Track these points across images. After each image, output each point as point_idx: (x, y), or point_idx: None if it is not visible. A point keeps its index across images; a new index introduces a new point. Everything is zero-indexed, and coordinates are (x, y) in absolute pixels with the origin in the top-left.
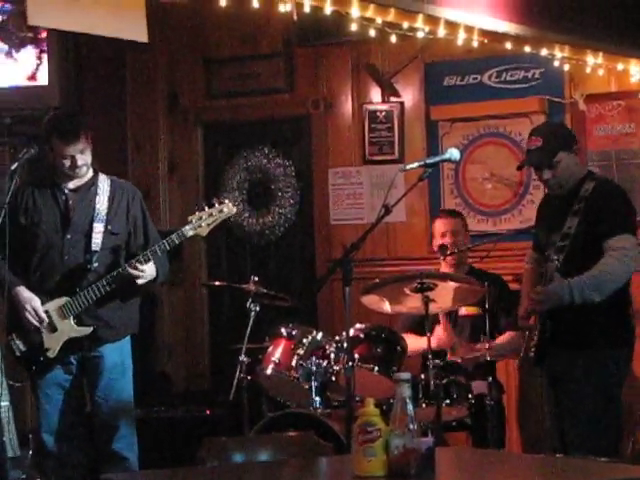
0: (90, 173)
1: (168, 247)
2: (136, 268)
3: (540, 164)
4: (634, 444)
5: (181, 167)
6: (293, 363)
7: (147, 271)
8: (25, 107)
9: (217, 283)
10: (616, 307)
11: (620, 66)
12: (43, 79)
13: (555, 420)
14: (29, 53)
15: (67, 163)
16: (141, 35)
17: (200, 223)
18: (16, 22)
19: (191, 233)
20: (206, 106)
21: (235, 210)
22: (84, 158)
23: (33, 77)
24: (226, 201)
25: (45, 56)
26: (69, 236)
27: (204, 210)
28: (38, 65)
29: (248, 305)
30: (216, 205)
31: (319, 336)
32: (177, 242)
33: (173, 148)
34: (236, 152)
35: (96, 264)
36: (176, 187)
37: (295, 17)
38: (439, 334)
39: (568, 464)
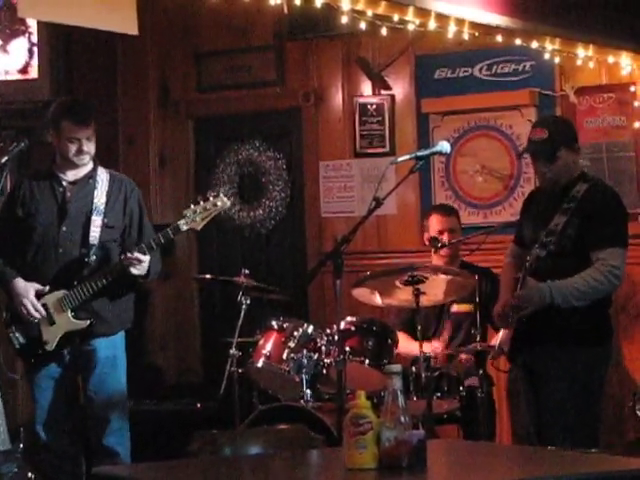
0: (90, 165)
1: (163, 241)
2: (135, 257)
3: (541, 156)
4: (624, 436)
5: (172, 160)
6: (284, 356)
7: (144, 262)
8: (15, 100)
9: (208, 276)
10: (595, 306)
11: (611, 58)
12: (34, 72)
13: (533, 415)
14: (21, 46)
15: (73, 148)
16: (131, 28)
17: (195, 217)
18: (8, 15)
19: (185, 227)
20: (197, 99)
21: (229, 203)
22: (89, 146)
23: (25, 70)
24: (220, 194)
25: (36, 49)
26: (65, 228)
27: (199, 204)
28: (29, 58)
29: (239, 298)
30: (210, 199)
31: (310, 329)
32: (172, 236)
33: (164, 141)
34: (227, 145)
35: (93, 257)
36: (167, 180)
37: (286, 10)
38: (435, 346)
39: (558, 456)
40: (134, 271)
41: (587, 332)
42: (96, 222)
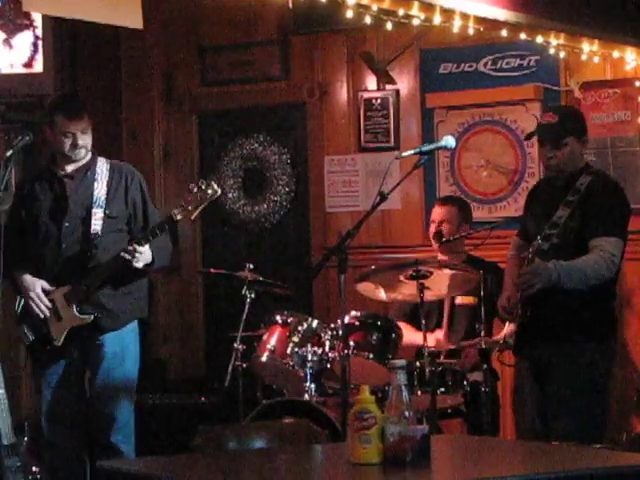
0: (88, 157)
1: (159, 232)
2: (133, 250)
3: (549, 140)
4: (628, 432)
5: (176, 155)
6: (288, 350)
7: (143, 254)
8: (20, 94)
9: (212, 271)
10: (600, 300)
11: (616, 53)
12: (38, 66)
13: (538, 409)
14: (25, 40)
15: (68, 142)
16: (136, 22)
17: (187, 206)
18: (12, 9)
19: (179, 217)
20: (201, 93)
21: (220, 191)
22: (85, 139)
23: (29, 64)
24: (212, 183)
25: (40, 43)
26: (67, 224)
27: (191, 193)
28: (34, 52)
29: (243, 292)
30: (202, 187)
31: (314, 323)
32: (167, 226)
33: (168, 135)
34: (231, 139)
35: (96, 250)
36: (171, 174)
37: (291, 4)
38: (438, 337)
39: (563, 451)
40: (136, 264)
41: (592, 326)
42: (97, 214)
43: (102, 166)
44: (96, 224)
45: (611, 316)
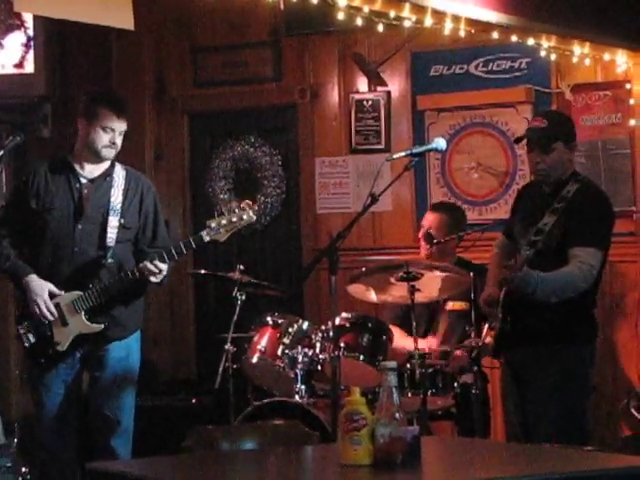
0: (108, 162)
1: (185, 251)
2: (155, 266)
3: (537, 145)
4: (618, 433)
5: (167, 156)
6: (279, 352)
7: (164, 271)
8: (10, 95)
9: (203, 272)
10: (580, 306)
11: (607, 56)
12: (29, 67)
13: (519, 413)
14: (16, 40)
15: (106, 138)
16: (127, 23)
17: (219, 229)
18: (4, 9)
19: (208, 238)
20: (193, 95)
21: (255, 218)
22: (120, 141)
23: (20, 65)
24: (247, 208)
25: (32, 44)
26: (80, 227)
27: (224, 215)
28: (25, 52)
29: (234, 294)
30: (236, 211)
31: (305, 325)
32: (194, 246)
33: (159, 137)
34: (222, 141)
35: (112, 259)
36: (162, 176)
37: (282, 6)
38: (431, 345)
39: (552, 453)
40: (153, 279)
41: (572, 331)
42: (112, 223)
43: (119, 172)
44: (111, 232)
45: (591, 321)
